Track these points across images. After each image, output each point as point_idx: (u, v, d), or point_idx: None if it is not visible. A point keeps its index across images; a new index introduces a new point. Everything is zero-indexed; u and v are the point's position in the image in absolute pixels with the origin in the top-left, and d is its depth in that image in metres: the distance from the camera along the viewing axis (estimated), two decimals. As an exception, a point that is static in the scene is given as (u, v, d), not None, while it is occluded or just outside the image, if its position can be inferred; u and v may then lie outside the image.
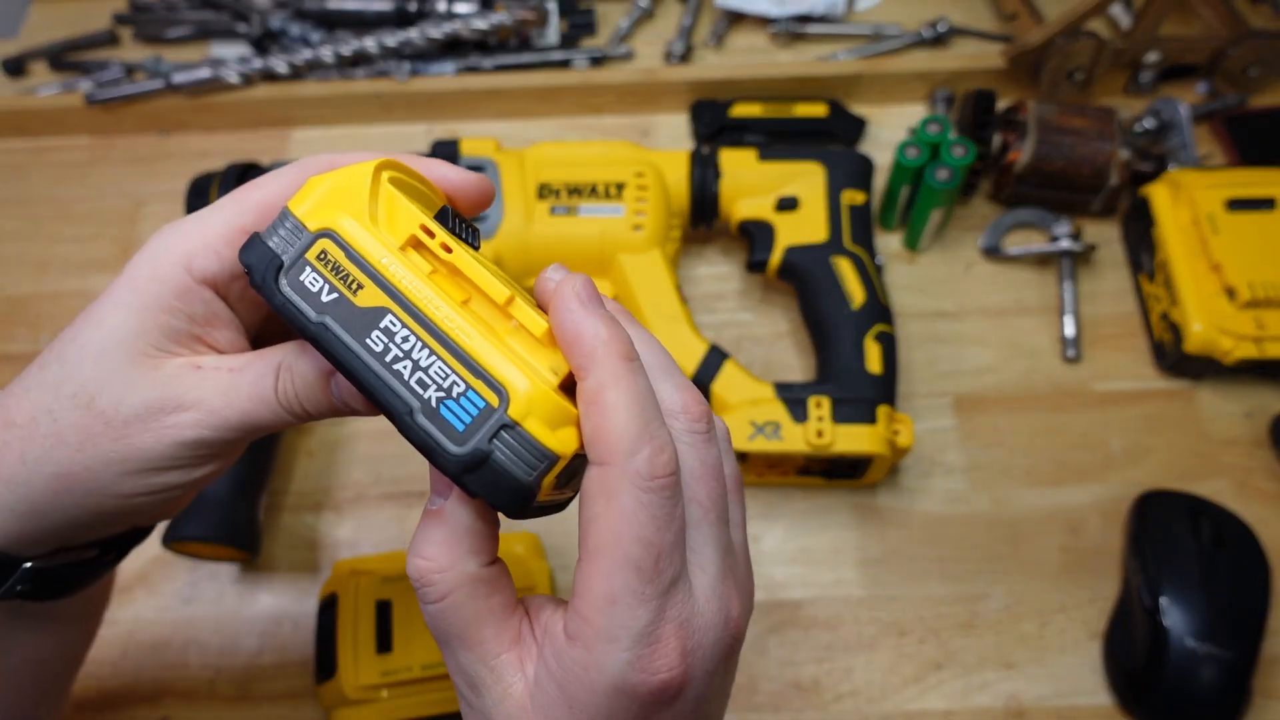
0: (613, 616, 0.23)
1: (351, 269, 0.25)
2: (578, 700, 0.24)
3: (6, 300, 0.63)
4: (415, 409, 0.24)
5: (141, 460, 0.28)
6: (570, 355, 0.24)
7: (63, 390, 0.28)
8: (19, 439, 0.28)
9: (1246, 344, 0.53)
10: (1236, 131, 0.64)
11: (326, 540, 0.54)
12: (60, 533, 0.29)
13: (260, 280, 0.25)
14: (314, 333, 0.25)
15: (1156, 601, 0.47)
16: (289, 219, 0.26)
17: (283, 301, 0.25)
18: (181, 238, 0.28)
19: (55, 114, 0.68)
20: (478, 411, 0.23)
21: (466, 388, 0.24)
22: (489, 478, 0.23)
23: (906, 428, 0.51)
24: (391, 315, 0.24)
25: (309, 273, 0.25)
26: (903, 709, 0.49)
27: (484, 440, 0.23)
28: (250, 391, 0.28)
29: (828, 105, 0.66)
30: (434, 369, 0.24)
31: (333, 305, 0.24)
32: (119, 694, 0.50)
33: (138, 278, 0.28)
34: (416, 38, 0.67)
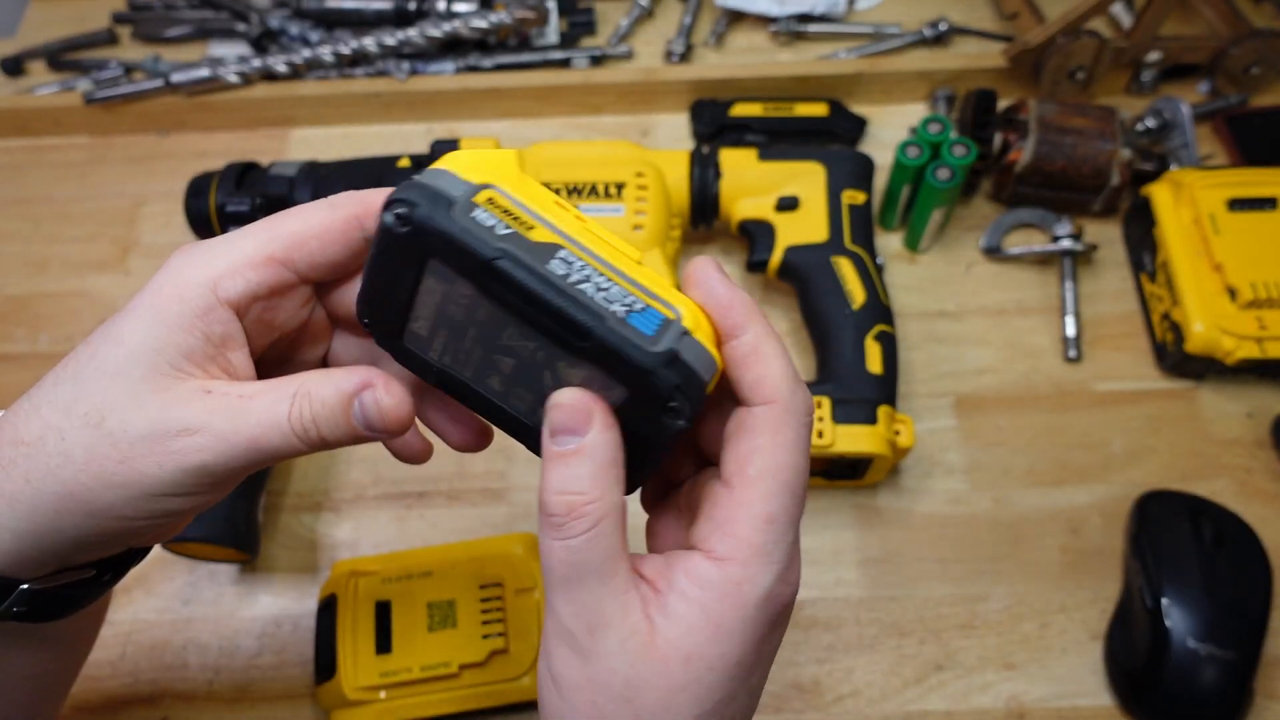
0: (770, 534, 0.26)
1: (520, 212, 0.26)
2: (725, 619, 0.26)
3: (5, 300, 0.63)
4: (603, 319, 0.25)
5: (145, 484, 0.27)
6: (725, 315, 0.27)
7: (75, 409, 0.27)
8: (25, 457, 0.28)
9: (1248, 344, 0.53)
10: (1238, 131, 0.64)
11: (326, 541, 0.54)
12: (59, 554, 0.29)
13: (428, 214, 0.25)
14: (494, 257, 0.25)
15: (1158, 602, 0.47)
16: (444, 172, 0.26)
17: (459, 230, 0.25)
18: (209, 258, 0.28)
19: (54, 113, 0.68)
20: (660, 321, 0.25)
21: (646, 305, 0.26)
22: (681, 370, 0.25)
23: (907, 428, 0.51)
24: (565, 250, 0.26)
25: (479, 211, 0.26)
26: (903, 710, 0.49)
27: (673, 341, 0.25)
28: (260, 418, 0.27)
29: (828, 105, 0.66)
30: (614, 290, 0.26)
31: (508, 239, 0.25)
32: (118, 695, 0.50)
33: (161, 294, 0.28)
34: (416, 37, 0.67)
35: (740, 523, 0.26)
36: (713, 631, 0.26)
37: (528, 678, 0.47)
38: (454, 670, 0.46)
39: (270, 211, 0.42)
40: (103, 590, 0.33)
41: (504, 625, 0.47)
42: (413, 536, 0.54)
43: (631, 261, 0.27)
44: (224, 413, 0.27)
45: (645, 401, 0.26)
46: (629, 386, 0.26)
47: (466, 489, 0.55)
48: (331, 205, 0.29)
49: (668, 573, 0.27)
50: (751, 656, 0.27)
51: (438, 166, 0.27)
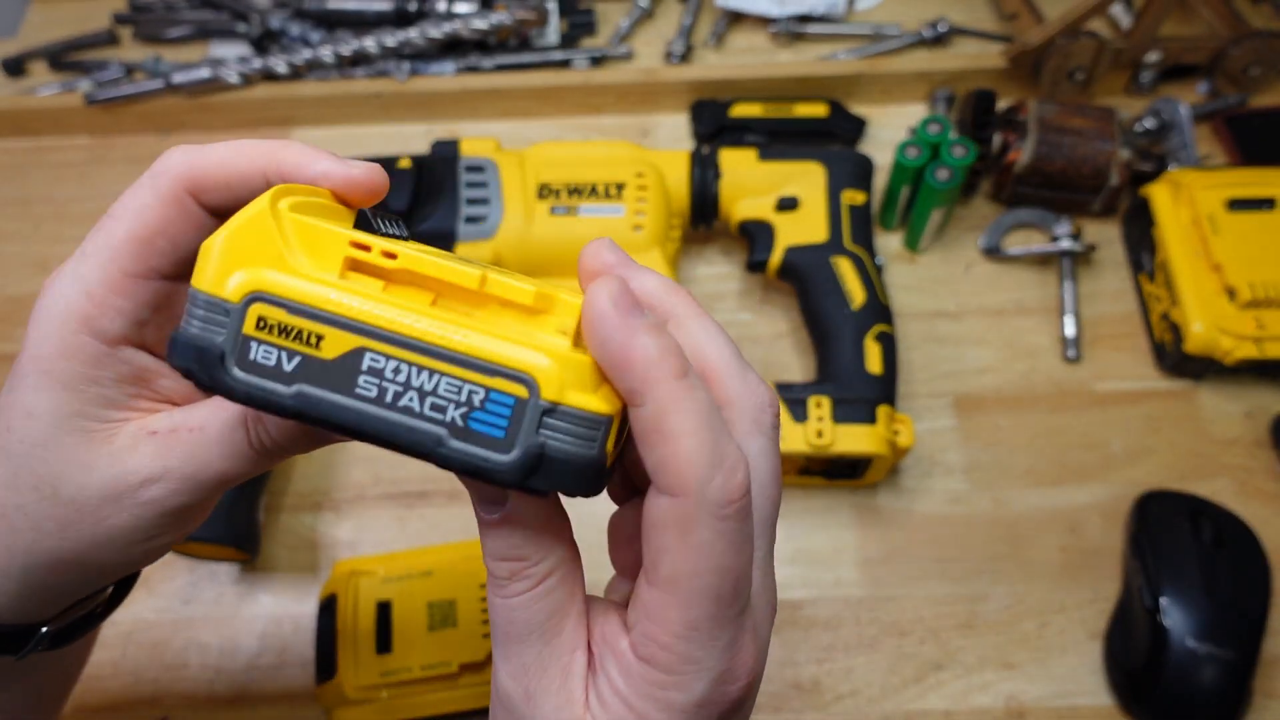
0: (695, 642, 0.23)
1: (301, 323, 0.21)
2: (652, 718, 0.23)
3: (5, 300, 0.63)
4: (443, 436, 0.21)
5: (126, 537, 0.26)
6: (618, 379, 0.22)
7: (22, 484, 0.26)
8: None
9: (1247, 344, 0.53)
10: (1237, 131, 0.64)
11: (326, 540, 0.54)
12: (68, 598, 0.29)
13: (209, 380, 0.22)
14: (295, 407, 0.21)
15: (1157, 601, 0.47)
16: (200, 299, 0.22)
17: (245, 391, 0.22)
18: (68, 301, 0.25)
19: (55, 114, 0.68)
20: (510, 410, 0.21)
21: (487, 391, 0.21)
22: (554, 469, 0.21)
23: (907, 428, 0.51)
24: (370, 352, 0.21)
25: (256, 348, 0.21)
26: (903, 709, 0.49)
27: (531, 435, 0.21)
28: (221, 450, 0.26)
29: (828, 105, 0.66)
30: (442, 388, 0.21)
31: (300, 370, 0.21)
32: (118, 694, 0.50)
33: (44, 357, 0.25)
34: (416, 37, 0.67)
35: (660, 628, 0.23)
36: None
37: None
38: (454, 670, 0.46)
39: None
40: (115, 606, 0.33)
41: None
42: (413, 536, 0.54)
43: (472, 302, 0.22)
44: (180, 454, 0.26)
45: None
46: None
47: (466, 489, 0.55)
48: (154, 187, 0.26)
49: (601, 646, 0.24)
50: None
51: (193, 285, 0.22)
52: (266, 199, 0.23)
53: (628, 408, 0.22)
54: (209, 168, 0.26)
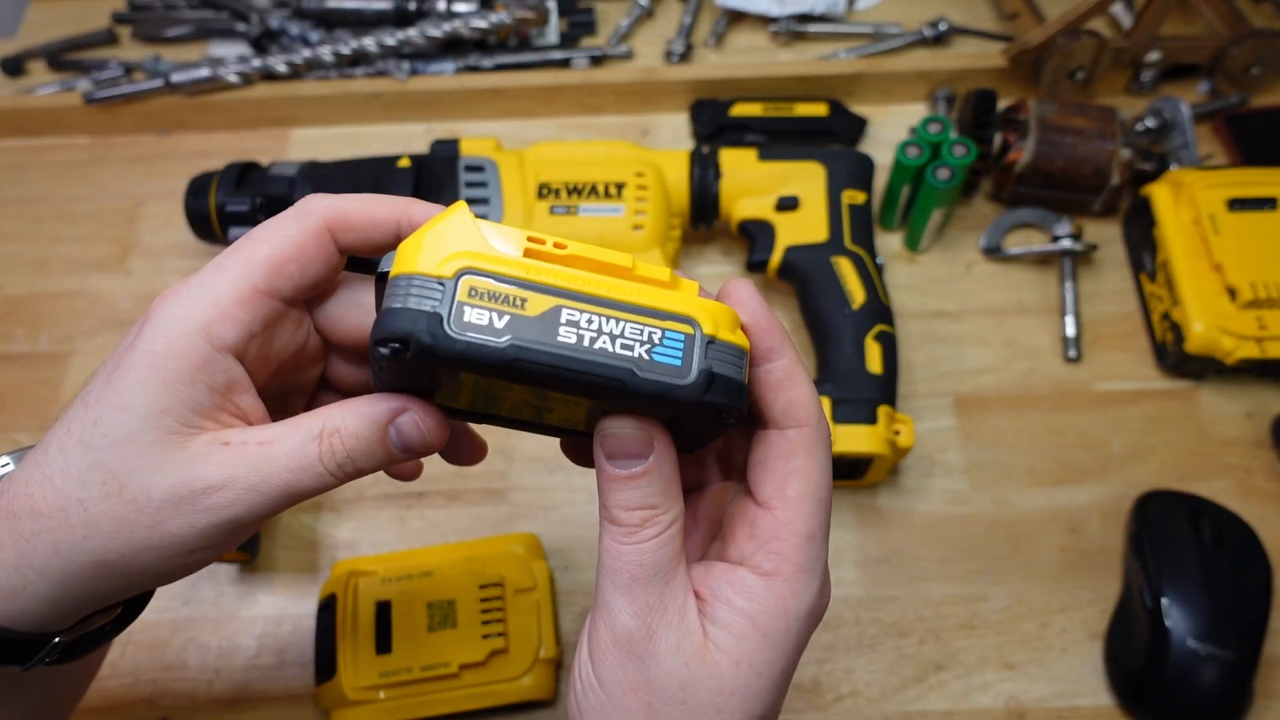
0: (811, 551, 0.28)
1: (507, 290, 0.25)
2: (772, 629, 0.27)
3: (5, 300, 0.63)
4: (634, 369, 0.25)
5: (177, 544, 0.27)
6: (762, 339, 0.28)
7: (91, 479, 0.27)
8: (48, 530, 0.27)
9: (1248, 344, 0.53)
10: (1238, 131, 0.64)
11: (326, 541, 0.54)
12: (90, 607, 0.30)
13: (429, 340, 0.24)
14: (510, 356, 0.25)
15: (1157, 602, 0.47)
16: (406, 280, 0.25)
17: (465, 345, 0.24)
18: (194, 307, 0.27)
19: (54, 113, 0.68)
20: (683, 344, 0.26)
21: (664, 332, 0.26)
22: (721, 387, 0.26)
23: (907, 428, 0.51)
24: (566, 309, 0.25)
25: (470, 311, 0.25)
26: (903, 709, 0.49)
27: (702, 360, 0.26)
28: (289, 464, 0.27)
29: (828, 105, 0.66)
30: (628, 331, 0.26)
31: (510, 326, 0.25)
32: (118, 695, 0.50)
33: (155, 353, 0.27)
34: (416, 37, 0.67)
35: (784, 541, 0.28)
36: (761, 640, 0.27)
37: (528, 677, 0.47)
38: (454, 670, 0.46)
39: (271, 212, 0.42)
40: (127, 624, 0.33)
41: (504, 625, 0.47)
42: (413, 536, 0.54)
43: (628, 278, 0.27)
44: (248, 464, 0.27)
45: (696, 416, 0.27)
46: (678, 411, 0.27)
47: (466, 489, 0.55)
48: (300, 218, 0.29)
49: (711, 583, 0.28)
50: (793, 664, 0.28)
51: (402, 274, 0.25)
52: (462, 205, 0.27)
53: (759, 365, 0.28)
54: (350, 211, 0.29)
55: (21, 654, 0.29)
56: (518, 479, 0.55)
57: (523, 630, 0.47)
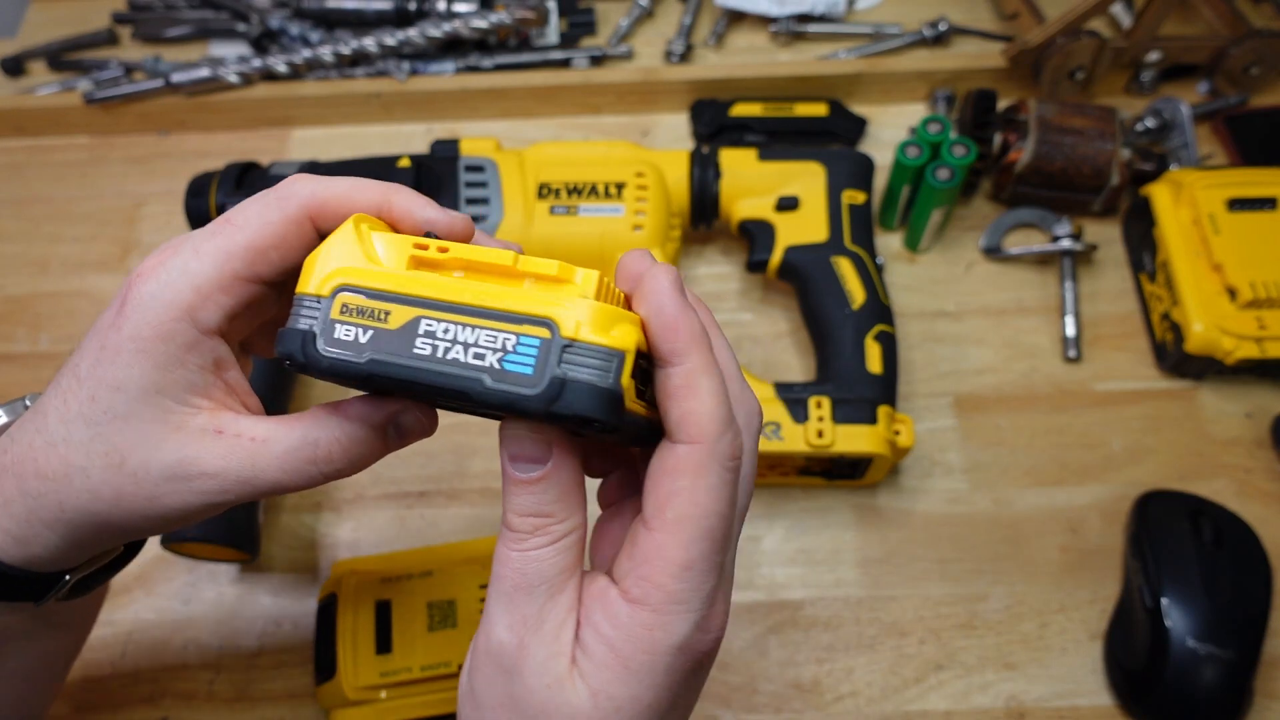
0: (686, 581, 0.25)
1: (374, 304, 0.26)
2: (635, 662, 0.25)
3: (5, 300, 0.63)
4: (483, 379, 0.25)
5: (171, 514, 0.29)
6: (664, 339, 0.26)
7: (94, 450, 0.28)
8: (53, 491, 0.29)
9: (1248, 344, 0.53)
10: (1238, 131, 0.64)
11: (326, 540, 0.54)
12: (95, 552, 0.32)
13: (302, 359, 0.26)
14: (367, 371, 0.26)
15: (1157, 602, 0.47)
16: (303, 301, 0.27)
17: (329, 362, 0.26)
18: (176, 291, 0.28)
19: (54, 114, 0.68)
20: (536, 349, 0.25)
21: (518, 337, 0.25)
22: (574, 396, 0.25)
23: (907, 428, 0.51)
24: (424, 319, 0.26)
25: (340, 329, 0.26)
26: (903, 709, 0.49)
27: (554, 368, 0.25)
28: (281, 465, 0.28)
29: (828, 105, 0.66)
30: (482, 339, 0.25)
31: (372, 342, 0.26)
32: (118, 694, 0.50)
33: (143, 337, 0.28)
34: (416, 37, 0.67)
35: (656, 568, 0.25)
36: (621, 672, 0.25)
37: None
38: (454, 670, 0.46)
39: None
40: (128, 562, 0.35)
41: None
42: (413, 536, 0.54)
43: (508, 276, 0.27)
44: (241, 459, 0.28)
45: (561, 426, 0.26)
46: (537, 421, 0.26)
47: (466, 489, 0.55)
48: (281, 206, 0.29)
49: (588, 600, 0.27)
50: (665, 702, 0.26)
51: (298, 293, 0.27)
52: (350, 222, 0.28)
53: (661, 368, 0.26)
54: (331, 199, 0.29)
55: (35, 591, 0.31)
56: (518, 479, 0.55)
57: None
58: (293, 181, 0.29)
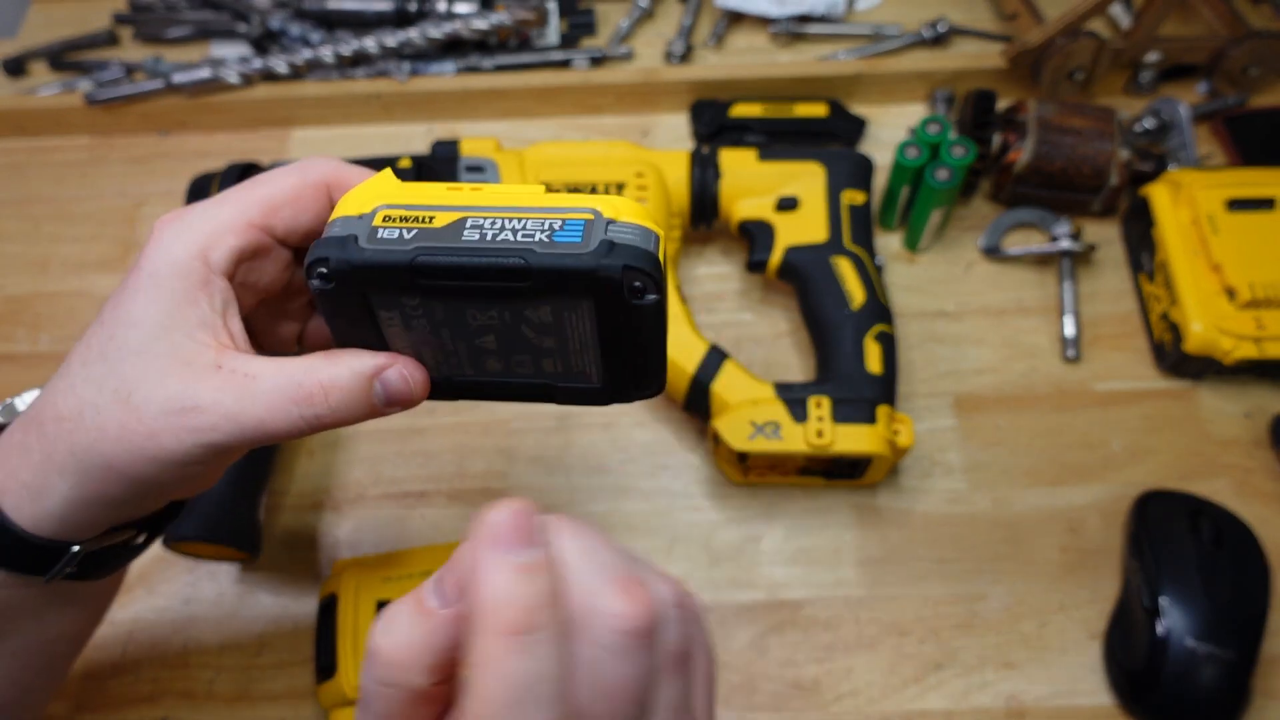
0: None
1: (416, 212, 0.27)
2: None
3: (6, 300, 0.63)
4: (533, 250, 0.26)
5: (169, 457, 0.29)
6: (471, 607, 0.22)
7: (106, 385, 0.29)
8: (67, 432, 0.29)
9: (1246, 344, 0.53)
10: (1237, 131, 0.64)
11: (326, 540, 0.54)
12: (105, 517, 0.32)
13: (341, 253, 0.26)
14: (413, 260, 0.26)
15: (1156, 601, 0.47)
16: (336, 221, 0.27)
17: (373, 253, 0.26)
18: (192, 231, 0.30)
19: (55, 114, 0.68)
20: (583, 225, 0.26)
21: (564, 220, 0.26)
22: (623, 253, 0.26)
23: (906, 428, 0.51)
24: (472, 218, 0.27)
25: (382, 232, 0.27)
26: (903, 709, 0.49)
27: (602, 234, 0.26)
28: (268, 401, 0.29)
29: (828, 105, 0.66)
30: (529, 225, 0.26)
31: (417, 237, 0.26)
32: (118, 694, 0.50)
33: (159, 274, 0.29)
34: (416, 38, 0.67)
35: None
36: None
37: None
38: None
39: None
40: (142, 549, 0.35)
41: None
42: (413, 536, 0.54)
43: (537, 196, 0.28)
44: (233, 392, 0.29)
45: (613, 300, 0.27)
46: (591, 295, 0.27)
47: (466, 489, 0.55)
48: (302, 171, 0.31)
49: None
50: None
51: (334, 219, 0.28)
52: (386, 172, 0.29)
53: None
54: (347, 178, 0.32)
55: (42, 562, 0.31)
56: (518, 479, 0.55)
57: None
58: (314, 158, 0.32)
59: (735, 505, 0.54)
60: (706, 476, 0.55)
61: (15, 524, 0.30)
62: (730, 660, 0.50)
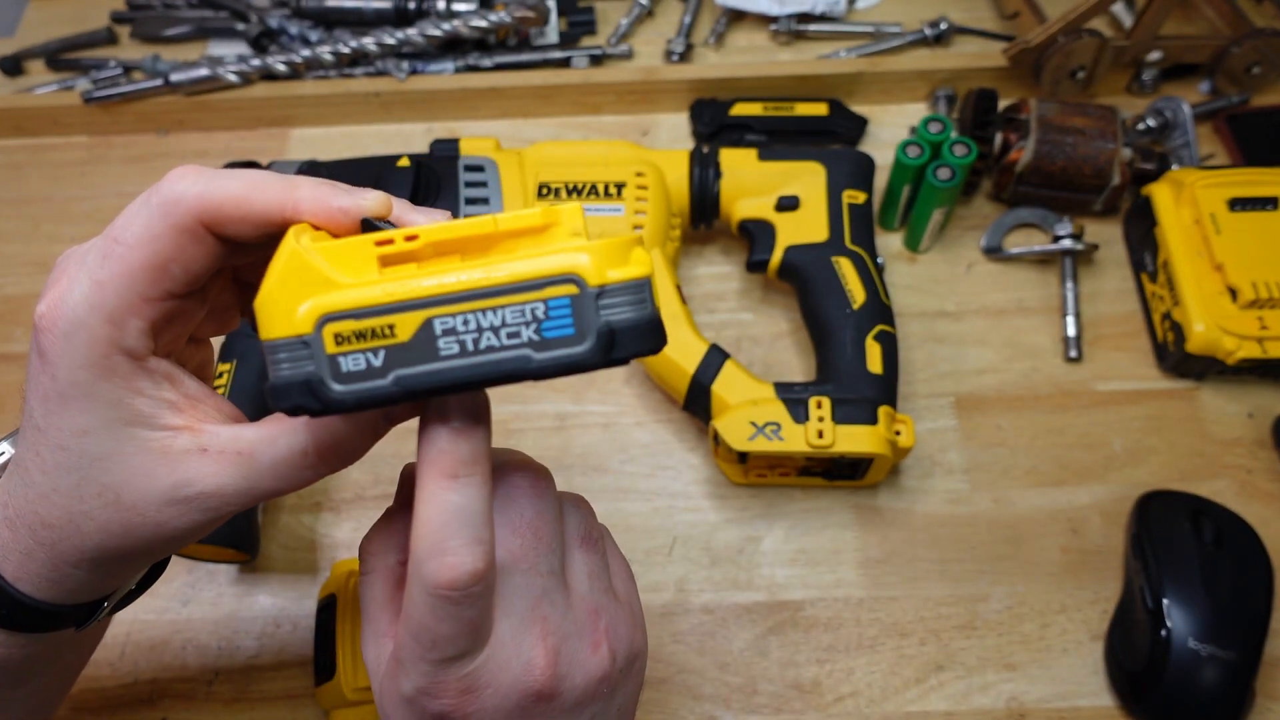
0: (401, 661, 0.27)
1: (370, 323, 0.24)
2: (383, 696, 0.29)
3: (5, 300, 0.63)
4: (529, 356, 0.24)
5: (185, 535, 0.29)
6: None
7: (86, 493, 0.27)
8: (67, 537, 0.28)
9: (1249, 344, 0.53)
10: (1239, 130, 0.64)
11: (325, 541, 0.54)
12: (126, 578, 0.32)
13: (319, 405, 0.24)
14: (399, 393, 0.24)
15: (1158, 602, 0.47)
16: (276, 345, 0.24)
17: (354, 399, 0.24)
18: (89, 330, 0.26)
19: (53, 113, 0.68)
20: (570, 307, 0.24)
21: (546, 303, 0.24)
22: (625, 339, 0.24)
23: (907, 428, 0.51)
24: (437, 319, 0.24)
25: (345, 361, 0.24)
26: (903, 710, 0.49)
27: (595, 319, 0.24)
28: (274, 472, 0.28)
29: (828, 104, 0.66)
30: (508, 317, 0.24)
31: (389, 361, 0.24)
32: (117, 695, 0.50)
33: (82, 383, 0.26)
34: (416, 36, 0.67)
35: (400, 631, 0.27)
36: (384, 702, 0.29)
37: None
38: None
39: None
40: (157, 578, 0.36)
41: None
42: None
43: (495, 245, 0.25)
44: (233, 474, 0.28)
45: None
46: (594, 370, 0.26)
47: (466, 489, 0.55)
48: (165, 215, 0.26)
49: None
50: None
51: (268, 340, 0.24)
52: (290, 240, 0.25)
53: None
54: (224, 203, 0.26)
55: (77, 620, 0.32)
56: (517, 479, 0.55)
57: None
58: (177, 180, 0.26)
59: (735, 505, 0.54)
60: (706, 476, 0.55)
61: (44, 601, 0.30)
62: (730, 661, 0.50)
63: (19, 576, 0.29)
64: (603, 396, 0.58)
